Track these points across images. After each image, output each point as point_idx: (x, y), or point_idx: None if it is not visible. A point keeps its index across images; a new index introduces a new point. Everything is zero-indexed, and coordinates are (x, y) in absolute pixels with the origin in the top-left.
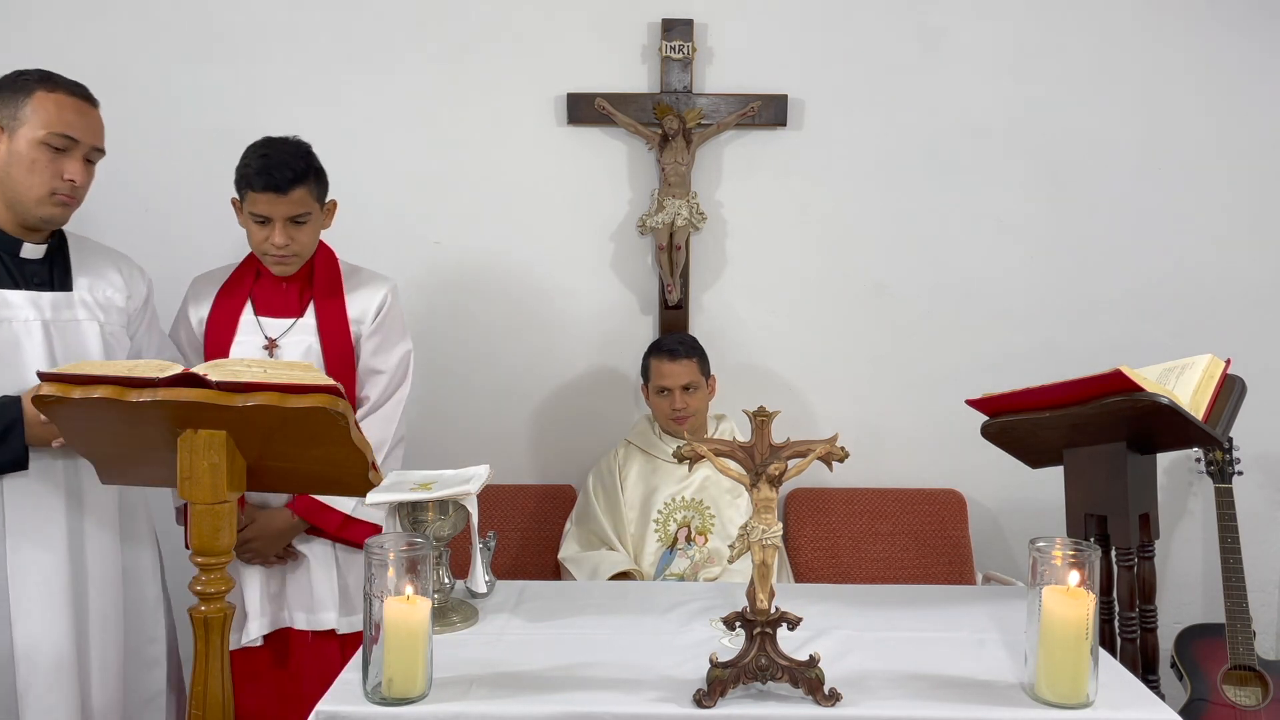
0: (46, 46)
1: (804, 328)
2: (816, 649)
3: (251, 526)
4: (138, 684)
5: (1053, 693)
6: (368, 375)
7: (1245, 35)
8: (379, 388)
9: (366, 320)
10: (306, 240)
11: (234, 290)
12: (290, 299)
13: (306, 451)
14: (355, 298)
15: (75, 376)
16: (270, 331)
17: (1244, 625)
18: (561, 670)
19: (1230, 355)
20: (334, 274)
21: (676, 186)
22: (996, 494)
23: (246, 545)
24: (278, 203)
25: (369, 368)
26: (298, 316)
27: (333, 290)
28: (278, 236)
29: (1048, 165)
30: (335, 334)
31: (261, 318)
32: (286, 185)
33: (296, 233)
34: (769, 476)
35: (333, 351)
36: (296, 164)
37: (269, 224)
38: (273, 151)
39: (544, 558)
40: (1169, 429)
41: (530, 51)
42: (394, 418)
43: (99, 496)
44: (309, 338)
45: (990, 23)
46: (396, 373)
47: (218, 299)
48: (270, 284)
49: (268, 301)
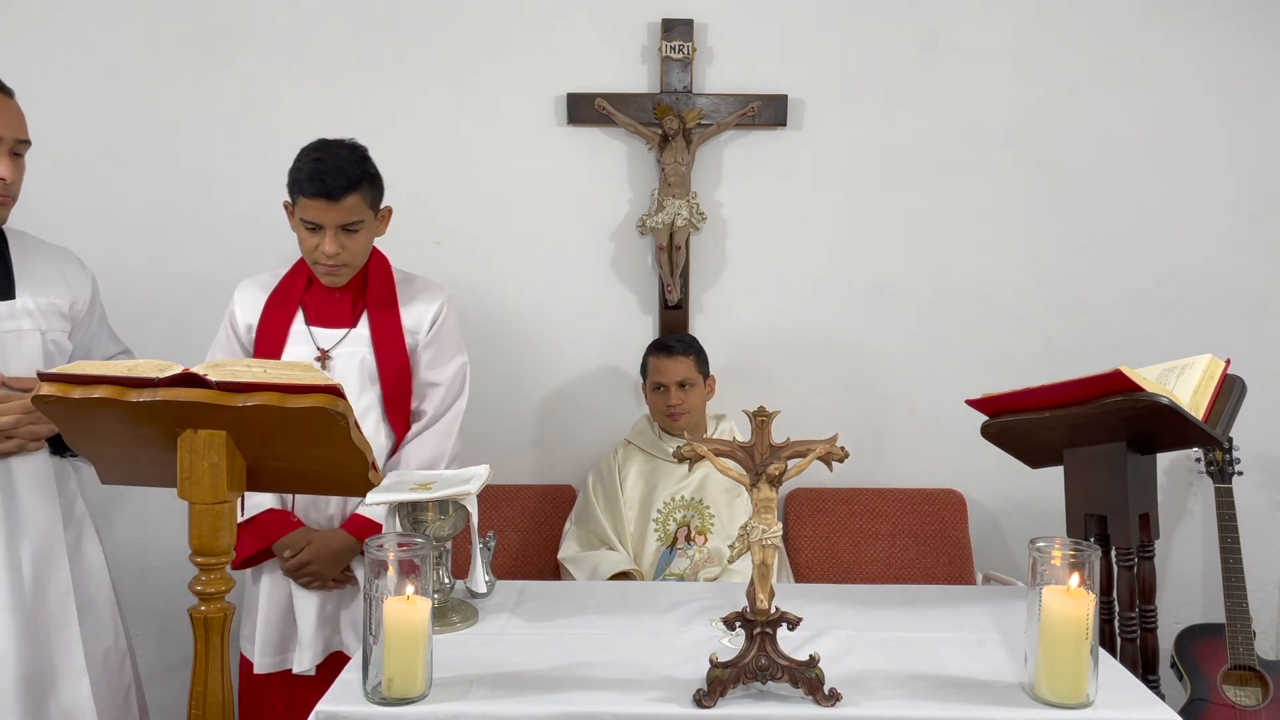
0: (47, 47)
1: (804, 328)
2: (816, 649)
3: (309, 549)
4: (108, 681)
5: (1053, 693)
6: (424, 388)
7: (1247, 34)
8: (435, 401)
9: (422, 331)
10: (358, 249)
11: (285, 297)
12: (343, 308)
13: (306, 451)
14: (410, 308)
15: (75, 376)
16: (322, 342)
17: (1244, 625)
18: (561, 670)
19: (1230, 355)
20: (388, 283)
21: (676, 186)
22: (996, 494)
23: (305, 568)
24: (329, 210)
25: (425, 381)
26: (350, 327)
27: (387, 300)
28: (328, 245)
29: (1048, 165)
30: (390, 345)
31: (314, 328)
32: (339, 192)
33: (348, 241)
34: (769, 476)
35: (388, 363)
36: (351, 170)
37: (320, 231)
38: (326, 155)
39: (544, 558)
40: (1169, 429)
41: (530, 51)
42: (450, 433)
43: (31, 497)
44: (362, 349)
45: (990, 23)
46: (453, 386)
47: (268, 306)
48: (322, 292)
49: (320, 311)
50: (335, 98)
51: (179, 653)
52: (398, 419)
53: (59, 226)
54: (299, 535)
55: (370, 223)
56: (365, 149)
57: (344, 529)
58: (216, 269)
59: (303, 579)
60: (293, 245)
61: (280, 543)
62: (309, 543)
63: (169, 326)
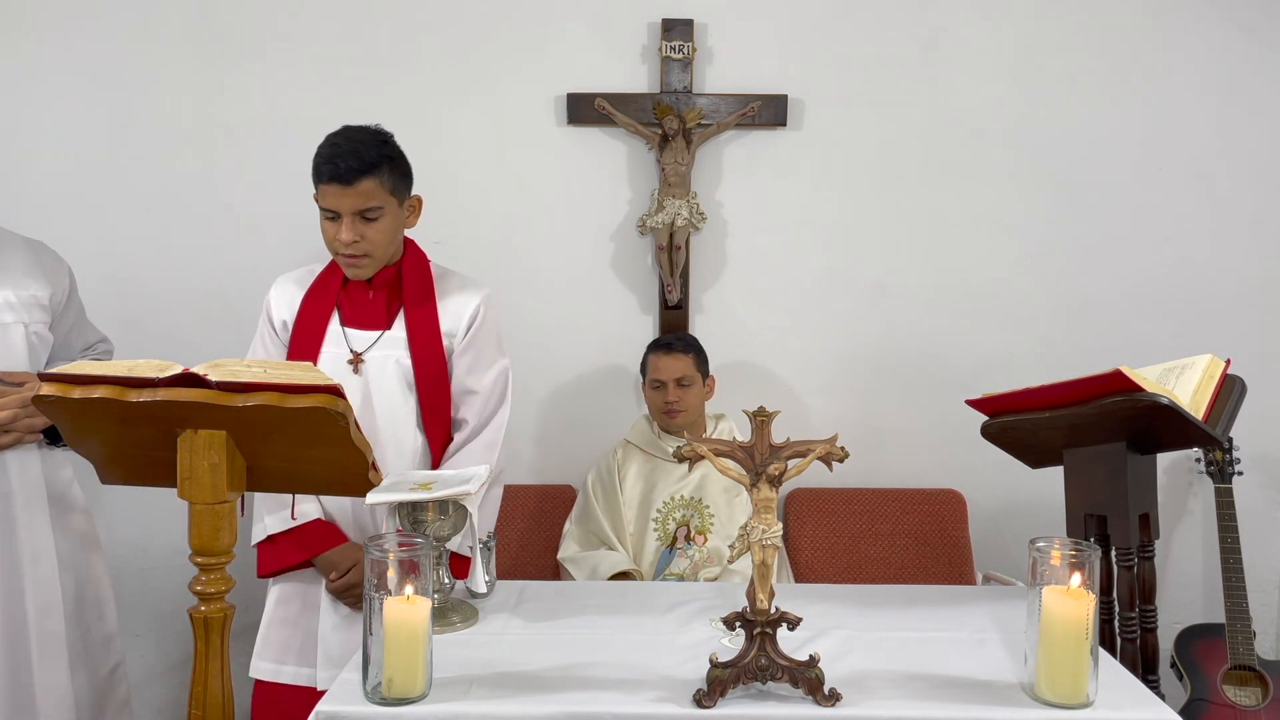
0: (48, 46)
1: (804, 328)
2: (816, 649)
3: (357, 569)
4: (93, 661)
5: (1053, 693)
6: (462, 395)
7: (1246, 34)
8: (474, 409)
9: (458, 334)
10: (378, 239)
11: (320, 295)
12: (377, 308)
13: (306, 452)
14: (446, 306)
15: (75, 376)
16: (356, 345)
17: (1244, 625)
18: (561, 670)
19: (1230, 355)
20: (425, 280)
21: (676, 186)
22: (996, 494)
23: (352, 590)
24: (344, 195)
25: (463, 387)
26: (384, 329)
27: (423, 298)
28: (345, 232)
29: (1047, 165)
30: (427, 348)
31: (348, 329)
32: (352, 175)
33: (366, 229)
34: (769, 476)
35: (425, 367)
36: (368, 152)
37: (339, 220)
38: (343, 139)
39: (544, 558)
40: (1169, 429)
41: (530, 51)
42: (496, 444)
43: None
44: (397, 351)
45: (990, 23)
46: (494, 393)
47: (304, 304)
48: (358, 291)
49: (355, 310)
50: (335, 98)
51: (179, 653)
52: (435, 428)
53: (59, 226)
54: (346, 554)
55: (393, 210)
56: (390, 134)
57: None
58: (216, 269)
59: (348, 601)
60: (299, 245)
61: (325, 559)
62: (356, 563)
63: (169, 326)
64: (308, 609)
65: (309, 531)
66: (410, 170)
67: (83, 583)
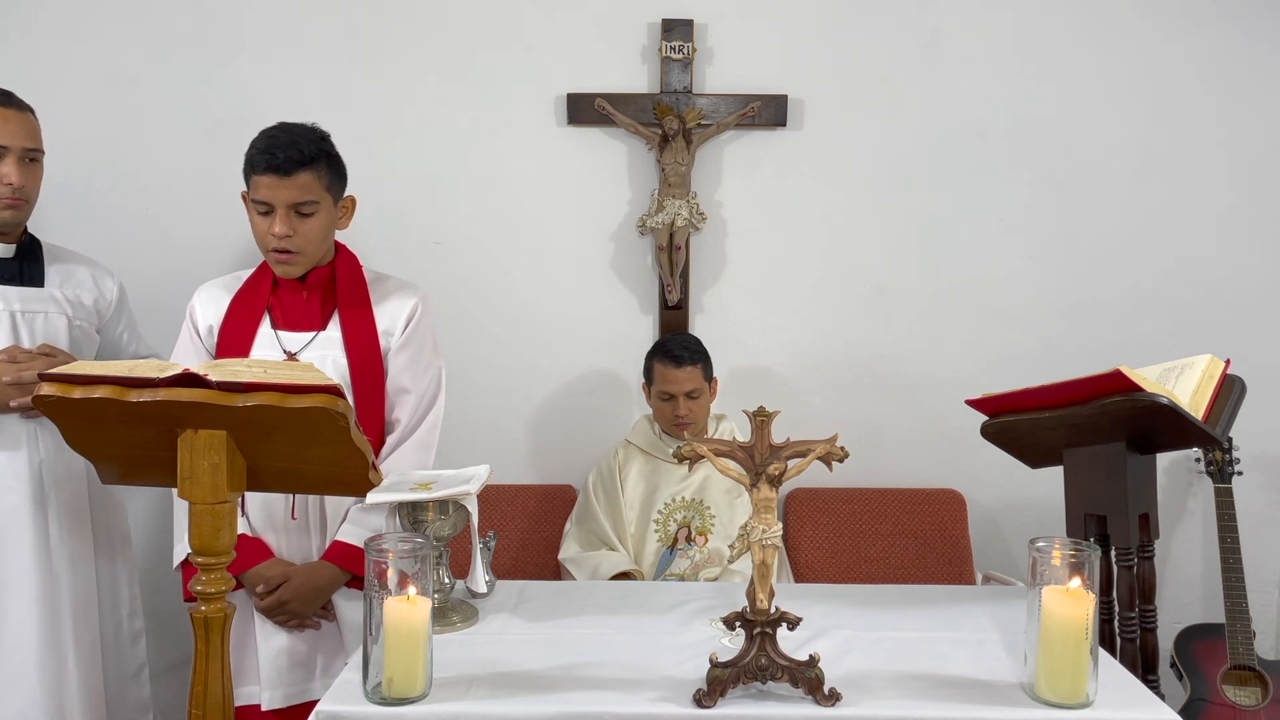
0: (48, 47)
1: (804, 328)
2: (816, 649)
3: (287, 586)
4: (121, 659)
5: (1053, 693)
6: (397, 394)
7: (1247, 34)
8: (408, 409)
9: (395, 333)
10: (312, 235)
11: (249, 299)
12: (311, 310)
13: (306, 451)
14: (383, 308)
15: (75, 376)
16: (289, 346)
17: (1244, 625)
18: (561, 670)
19: (1230, 355)
20: (358, 282)
21: (676, 187)
22: (996, 494)
23: (283, 607)
24: (280, 186)
25: (398, 385)
26: (319, 329)
27: (358, 300)
28: (278, 225)
29: (1048, 165)
30: (363, 348)
31: (280, 331)
32: (291, 167)
33: (300, 224)
34: (769, 476)
35: (361, 367)
36: (306, 146)
37: (272, 214)
38: (280, 132)
39: (544, 558)
40: (1169, 429)
41: (530, 51)
42: (430, 444)
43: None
44: (333, 352)
45: (990, 23)
46: (428, 393)
47: (232, 307)
48: (290, 294)
49: (287, 313)
50: (335, 98)
51: (179, 653)
52: (371, 426)
53: (59, 226)
54: (273, 569)
55: (328, 208)
56: (327, 133)
57: (326, 559)
58: (216, 270)
59: (279, 618)
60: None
61: (251, 575)
62: (286, 579)
63: (169, 327)
64: (241, 625)
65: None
66: (346, 171)
67: (118, 579)
